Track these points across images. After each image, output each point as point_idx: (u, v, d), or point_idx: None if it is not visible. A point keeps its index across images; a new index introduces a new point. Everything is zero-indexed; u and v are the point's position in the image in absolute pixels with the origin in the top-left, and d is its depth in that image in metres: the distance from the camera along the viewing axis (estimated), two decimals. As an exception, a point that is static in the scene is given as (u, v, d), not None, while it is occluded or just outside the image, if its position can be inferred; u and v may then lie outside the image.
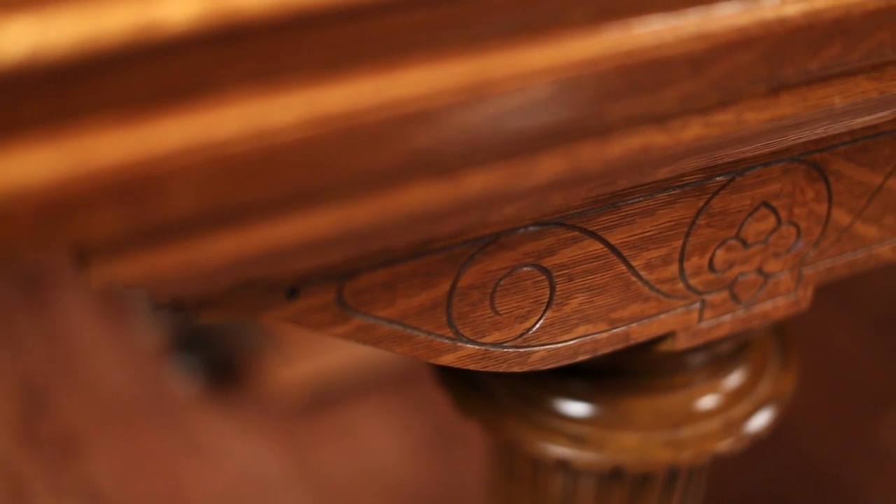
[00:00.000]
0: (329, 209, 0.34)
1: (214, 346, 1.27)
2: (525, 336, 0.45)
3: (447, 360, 0.44)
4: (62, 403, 1.25)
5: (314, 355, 1.23)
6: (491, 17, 0.33)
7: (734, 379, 0.56)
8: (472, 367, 0.45)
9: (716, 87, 0.38)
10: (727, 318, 0.50)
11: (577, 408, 0.54)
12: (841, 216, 0.51)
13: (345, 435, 1.18)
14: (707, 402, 0.55)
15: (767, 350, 0.59)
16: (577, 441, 0.53)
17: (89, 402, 1.25)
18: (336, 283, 0.40)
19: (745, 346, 0.57)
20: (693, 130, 0.39)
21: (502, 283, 0.43)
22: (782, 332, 0.60)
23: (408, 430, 1.17)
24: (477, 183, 0.36)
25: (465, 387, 0.56)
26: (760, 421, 0.56)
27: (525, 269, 0.43)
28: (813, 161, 0.48)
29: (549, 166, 0.37)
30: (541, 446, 0.53)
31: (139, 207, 0.31)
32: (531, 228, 0.42)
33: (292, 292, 0.40)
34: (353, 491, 1.12)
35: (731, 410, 0.55)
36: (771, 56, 0.38)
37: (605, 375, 0.54)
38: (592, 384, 0.54)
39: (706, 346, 0.53)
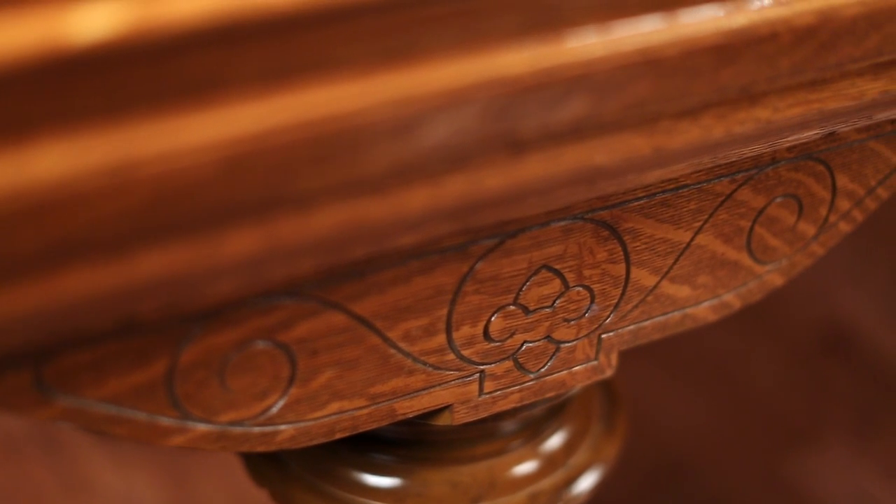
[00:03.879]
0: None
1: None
2: (267, 414, 0.41)
3: (177, 441, 0.40)
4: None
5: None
6: (136, 83, 0.29)
7: (550, 446, 0.52)
8: (208, 448, 0.41)
9: (434, 152, 0.34)
10: (514, 389, 0.46)
11: (369, 480, 0.50)
12: (643, 277, 0.47)
13: (223, 465, 1.15)
14: (515, 472, 0.51)
15: (592, 412, 0.55)
16: (367, 516, 0.49)
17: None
18: (32, 365, 0.36)
19: (561, 410, 0.53)
20: (418, 198, 0.35)
21: (232, 360, 0.39)
22: (610, 392, 0.56)
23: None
24: (153, 263, 0.32)
25: (258, 454, 0.52)
26: (577, 490, 0.52)
27: (258, 344, 0.39)
28: (601, 219, 0.44)
29: (242, 243, 0.33)
30: (328, 521, 0.50)
31: None
32: (259, 301, 0.39)
33: (-19, 375, 0.36)
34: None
35: (540, 482, 0.51)
36: (496, 117, 0.34)
37: (402, 445, 0.50)
38: (389, 454, 0.50)
39: (512, 413, 0.49)
